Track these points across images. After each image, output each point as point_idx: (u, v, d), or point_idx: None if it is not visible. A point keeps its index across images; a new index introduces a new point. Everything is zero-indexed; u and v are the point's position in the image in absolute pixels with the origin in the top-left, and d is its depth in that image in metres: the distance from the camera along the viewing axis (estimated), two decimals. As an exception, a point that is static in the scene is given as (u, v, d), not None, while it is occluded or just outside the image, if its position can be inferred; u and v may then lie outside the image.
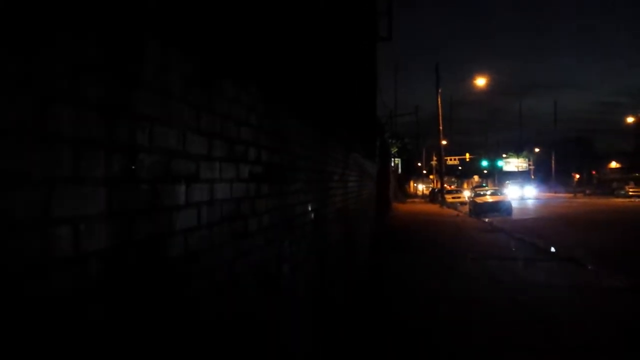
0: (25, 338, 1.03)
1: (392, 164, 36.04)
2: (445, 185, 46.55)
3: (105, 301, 1.30)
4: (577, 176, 74.45)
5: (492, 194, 29.85)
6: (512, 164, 74.13)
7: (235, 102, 2.35)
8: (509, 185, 58.25)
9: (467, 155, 70.85)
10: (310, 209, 4.26)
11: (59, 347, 1.13)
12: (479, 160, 76.50)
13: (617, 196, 47.18)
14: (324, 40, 5.33)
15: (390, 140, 33.17)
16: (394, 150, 38.06)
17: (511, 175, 73.64)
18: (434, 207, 35.46)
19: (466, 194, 42.57)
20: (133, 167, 1.45)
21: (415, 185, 77.99)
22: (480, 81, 41.51)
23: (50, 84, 1.11)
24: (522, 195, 52.31)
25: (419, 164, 77.69)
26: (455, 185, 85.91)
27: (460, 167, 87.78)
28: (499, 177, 79.24)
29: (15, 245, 1.00)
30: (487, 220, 22.67)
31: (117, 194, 1.37)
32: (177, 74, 1.76)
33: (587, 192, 59.66)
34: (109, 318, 1.32)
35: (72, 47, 1.18)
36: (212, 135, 2.05)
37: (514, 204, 30.10)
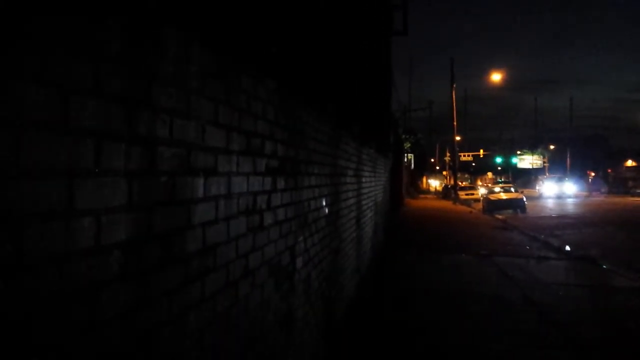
0: (45, 329, 1.04)
1: (405, 160, 35.91)
2: (459, 181, 46.29)
3: (123, 292, 1.31)
4: (593, 174, 73.64)
5: (505, 191, 29.56)
6: (527, 161, 73.39)
7: (253, 96, 2.35)
8: (545, 181, 49.43)
9: (481, 151, 70.31)
10: (324, 203, 4.26)
11: (80, 337, 1.14)
12: (493, 157, 75.84)
13: (634, 195, 45.27)
14: (340, 35, 5.31)
15: (403, 136, 33.03)
16: (407, 145, 37.89)
17: (526, 172, 72.98)
18: (446, 204, 35.27)
19: (482, 191, 38.48)
20: (153, 159, 1.46)
21: (427, 181, 77.65)
22: (496, 77, 41.20)
23: (71, 75, 1.12)
24: (560, 192, 44.07)
25: (432, 160, 77.32)
26: (469, 181, 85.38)
27: (473, 164, 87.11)
28: (513, 174, 78.58)
29: (38, 235, 1.02)
30: (500, 217, 22.50)
31: (138, 187, 1.38)
32: (197, 67, 1.76)
33: (603, 190, 55.94)
34: (127, 309, 1.33)
35: (94, 37, 1.19)
36: (230, 129, 2.06)
37: (550, 203, 28.20)
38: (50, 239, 1.05)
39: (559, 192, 44.02)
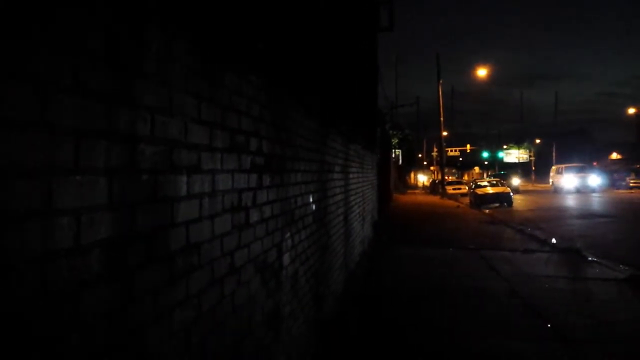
0: (25, 330, 1.03)
1: (393, 155, 35.99)
2: (446, 176, 46.48)
3: (105, 292, 1.30)
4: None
5: (492, 186, 29.76)
6: (513, 155, 73.98)
7: (236, 92, 2.34)
8: (564, 173, 39.89)
9: (468, 146, 70.77)
10: (311, 200, 4.26)
11: (60, 337, 1.13)
12: (480, 152, 76.41)
13: (619, 187, 44.37)
14: (325, 30, 5.30)
15: (391, 131, 33.11)
16: (394, 141, 37.99)
17: (512, 166, 73.48)
18: (434, 199, 35.45)
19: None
20: (134, 157, 1.45)
21: (416, 176, 77.98)
22: (482, 72, 41.36)
23: (50, 71, 1.10)
24: (582, 185, 36.73)
25: (420, 155, 77.64)
26: (456, 176, 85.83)
27: (460, 159, 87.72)
28: (499, 168, 79.10)
29: (15, 237, 1.00)
30: (487, 211, 22.68)
31: (118, 185, 1.36)
32: (179, 63, 1.74)
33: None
34: (109, 309, 1.32)
35: (74, 32, 1.17)
36: (214, 126, 2.05)
37: (571, 202, 26.09)
38: (30, 239, 1.03)
39: (579, 185, 36.73)
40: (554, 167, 46.24)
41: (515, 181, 42.46)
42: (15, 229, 0.99)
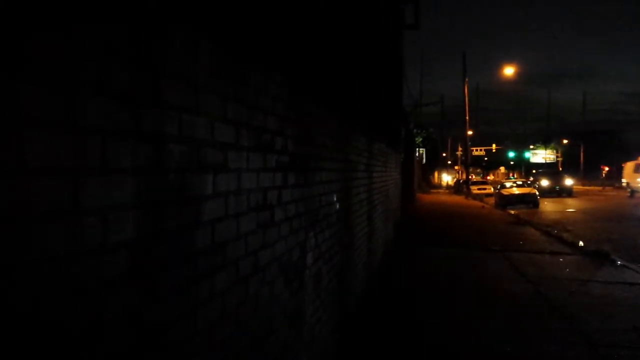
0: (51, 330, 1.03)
1: (417, 154, 35.74)
2: (471, 176, 45.90)
3: (132, 291, 1.30)
4: (607, 168, 72.73)
5: (518, 186, 29.27)
6: (540, 155, 72.90)
7: (262, 91, 2.33)
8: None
9: (494, 146, 69.92)
10: (335, 199, 4.24)
11: (86, 336, 1.13)
12: (506, 151, 75.45)
13: None
14: (349, 29, 5.27)
15: (415, 130, 32.85)
16: (418, 140, 37.71)
17: (538, 166, 72.29)
18: (458, 199, 35.07)
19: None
20: (161, 157, 1.45)
21: (439, 175, 77.30)
22: (508, 70, 40.74)
23: (76, 72, 1.10)
24: None
25: (444, 154, 76.97)
26: (481, 176, 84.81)
27: (486, 158, 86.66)
28: (525, 168, 77.90)
29: (42, 236, 1.00)
30: (513, 212, 22.34)
31: (145, 184, 1.36)
32: (205, 63, 1.74)
33: (617, 185, 50.47)
34: (135, 308, 1.32)
35: (100, 33, 1.17)
36: (240, 125, 2.04)
37: None
38: (56, 238, 1.03)
39: None
40: (629, 164, 36.97)
41: (568, 181, 36.20)
42: (42, 228, 1.00)
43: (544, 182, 35.20)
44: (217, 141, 1.82)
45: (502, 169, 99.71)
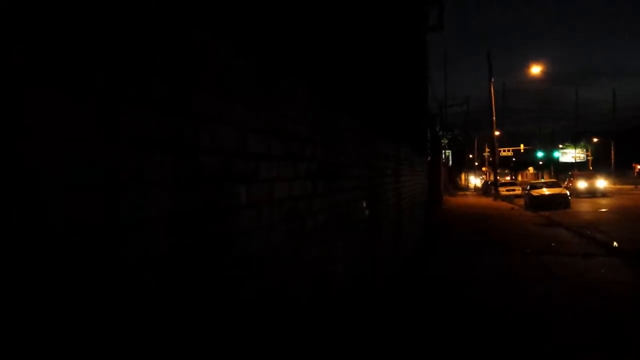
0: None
1: (443, 157, 35.38)
2: (499, 177, 45.18)
3: (165, 305, 1.30)
4: (639, 167, 70.72)
5: (549, 187, 28.67)
6: (569, 154, 71.36)
7: (291, 100, 2.33)
8: None
9: (522, 146, 68.78)
10: (363, 206, 4.21)
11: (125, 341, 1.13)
12: (534, 151, 74.08)
13: None
14: (374, 35, 5.25)
15: (440, 132, 32.55)
16: (444, 142, 37.36)
17: (568, 166, 70.75)
18: (487, 200, 34.52)
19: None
20: (195, 167, 1.45)
21: (466, 177, 76.34)
22: (535, 69, 40.12)
23: (114, 84, 1.11)
24: None
25: (471, 156, 75.99)
26: (510, 177, 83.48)
27: (514, 159, 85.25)
28: (555, 168, 76.39)
29: (83, 248, 1.01)
30: (543, 213, 21.88)
31: (179, 195, 1.36)
32: (236, 73, 1.74)
33: None
34: (169, 321, 1.32)
35: (135, 43, 1.18)
36: (271, 134, 2.04)
37: None
38: (91, 253, 1.04)
39: None
40: None
41: (601, 182, 34.44)
42: (77, 242, 1.01)
43: (581, 184, 33.53)
44: (249, 151, 1.82)
45: (531, 169, 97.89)
